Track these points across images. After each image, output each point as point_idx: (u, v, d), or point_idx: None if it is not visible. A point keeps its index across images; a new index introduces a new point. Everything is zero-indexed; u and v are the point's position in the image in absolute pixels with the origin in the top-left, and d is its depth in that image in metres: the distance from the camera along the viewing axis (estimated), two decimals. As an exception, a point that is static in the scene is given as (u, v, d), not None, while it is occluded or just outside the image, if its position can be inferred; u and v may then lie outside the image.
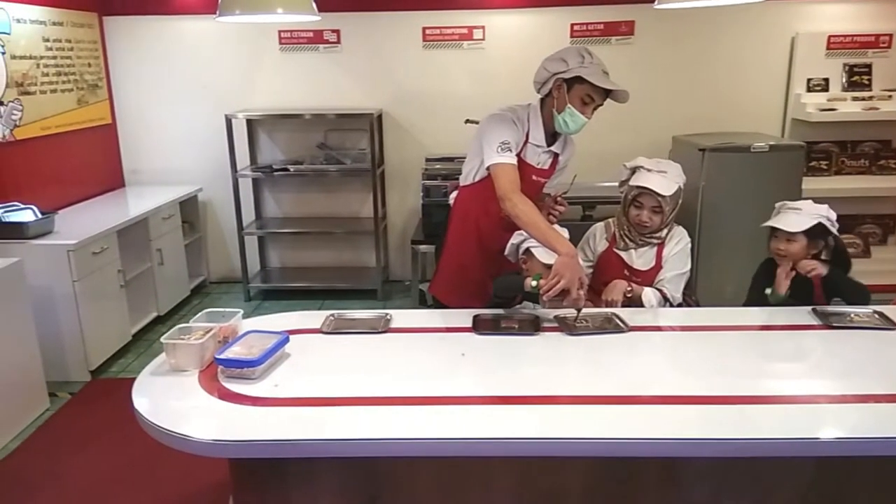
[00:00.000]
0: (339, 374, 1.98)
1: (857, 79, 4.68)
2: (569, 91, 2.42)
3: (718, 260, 4.21)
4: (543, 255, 2.26)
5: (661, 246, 2.59)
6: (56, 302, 3.57)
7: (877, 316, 2.25)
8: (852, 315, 2.26)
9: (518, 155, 2.48)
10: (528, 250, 2.33)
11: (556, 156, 2.61)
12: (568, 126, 2.46)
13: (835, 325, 2.21)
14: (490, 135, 2.44)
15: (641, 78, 4.83)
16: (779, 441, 1.61)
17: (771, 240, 2.55)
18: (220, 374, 1.93)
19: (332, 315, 2.34)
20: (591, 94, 2.41)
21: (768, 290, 2.49)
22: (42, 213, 3.76)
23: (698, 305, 2.69)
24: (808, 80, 4.70)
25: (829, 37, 4.66)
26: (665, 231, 2.59)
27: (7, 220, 3.60)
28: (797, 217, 2.47)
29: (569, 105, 2.41)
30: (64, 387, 3.63)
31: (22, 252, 3.43)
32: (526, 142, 2.52)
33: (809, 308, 2.33)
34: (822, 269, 2.43)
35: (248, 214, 5.18)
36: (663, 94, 4.87)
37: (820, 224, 2.43)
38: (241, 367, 1.89)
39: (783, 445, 1.62)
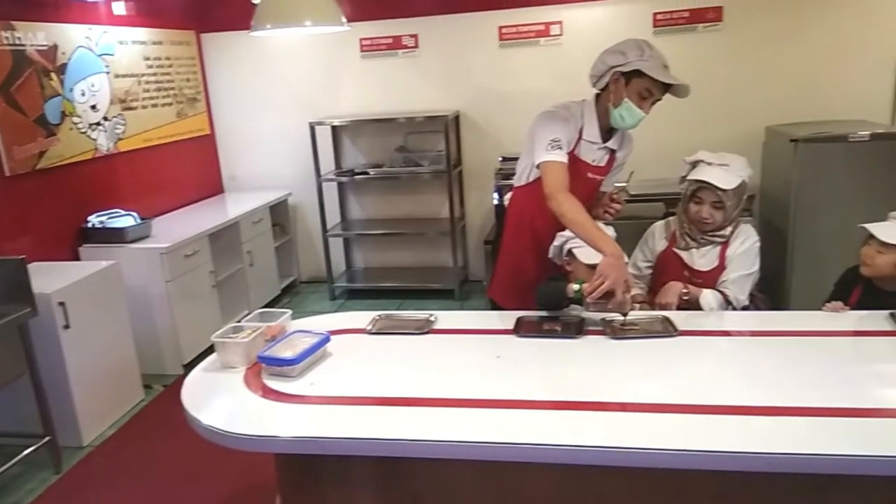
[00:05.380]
0: (374, 373, 2.01)
1: (985, 55, 4.18)
2: (627, 85, 2.33)
3: (814, 262, 3.90)
4: (585, 256, 2.19)
5: (724, 245, 2.43)
6: (151, 301, 3.86)
7: (967, 322, 2.01)
8: (937, 321, 2.03)
9: (572, 152, 2.42)
10: (570, 251, 2.27)
11: (612, 152, 2.53)
12: (625, 121, 2.37)
13: (916, 331, 1.99)
14: (540, 133, 2.40)
15: (732, 65, 4.60)
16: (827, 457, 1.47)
17: (864, 244, 2.33)
18: (263, 371, 2.01)
19: (379, 315, 2.38)
20: (649, 89, 2.31)
21: None
22: (141, 219, 4.08)
23: (770, 309, 2.49)
24: (924, 60, 4.26)
25: (949, 10, 4.20)
26: (729, 229, 2.43)
27: (109, 225, 3.93)
28: None
29: (626, 99, 2.33)
30: (159, 379, 3.92)
31: (121, 255, 3.74)
32: (580, 138, 2.45)
33: (887, 313, 2.11)
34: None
35: (334, 217, 5.38)
36: (757, 81, 4.58)
37: None
38: (281, 365, 1.96)
39: (828, 462, 1.48)
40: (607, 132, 2.48)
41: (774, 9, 4.45)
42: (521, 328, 2.20)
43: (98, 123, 4.13)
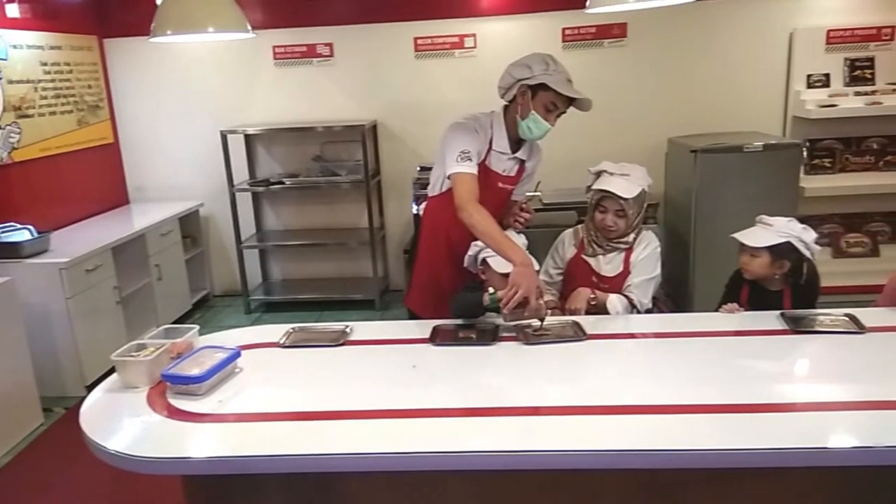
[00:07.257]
0: (287, 388, 1.98)
1: (860, 73, 4.55)
2: (533, 98, 2.39)
3: (715, 264, 4.02)
4: (499, 265, 2.23)
5: (628, 251, 2.54)
6: (50, 319, 3.65)
7: (846, 319, 2.17)
8: (821, 319, 2.19)
9: (483, 163, 2.46)
10: (484, 260, 2.31)
11: (522, 163, 2.59)
12: (532, 132, 2.44)
13: (802, 329, 2.14)
14: (451, 144, 2.43)
15: (636, 80, 4.80)
16: (731, 452, 1.55)
17: (740, 252, 2.48)
18: (168, 390, 1.94)
19: (293, 328, 2.33)
20: (554, 102, 2.39)
21: None
22: (38, 233, 3.85)
23: (672, 312, 2.61)
24: (808, 77, 4.59)
25: (829, 31, 4.55)
26: (632, 236, 2.54)
27: (3, 240, 3.69)
28: (764, 232, 2.39)
29: (532, 111, 2.39)
30: (60, 402, 3.70)
31: (16, 271, 3.52)
32: (490, 149, 2.50)
33: (778, 313, 2.26)
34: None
35: (249, 228, 5.25)
36: (659, 95, 4.81)
37: (788, 244, 2.34)
38: (187, 384, 1.89)
39: (733, 456, 1.56)
40: (516, 143, 2.54)
41: (675, 27, 4.68)
42: (437, 337, 2.21)
43: (-11, 132, 3.88)
